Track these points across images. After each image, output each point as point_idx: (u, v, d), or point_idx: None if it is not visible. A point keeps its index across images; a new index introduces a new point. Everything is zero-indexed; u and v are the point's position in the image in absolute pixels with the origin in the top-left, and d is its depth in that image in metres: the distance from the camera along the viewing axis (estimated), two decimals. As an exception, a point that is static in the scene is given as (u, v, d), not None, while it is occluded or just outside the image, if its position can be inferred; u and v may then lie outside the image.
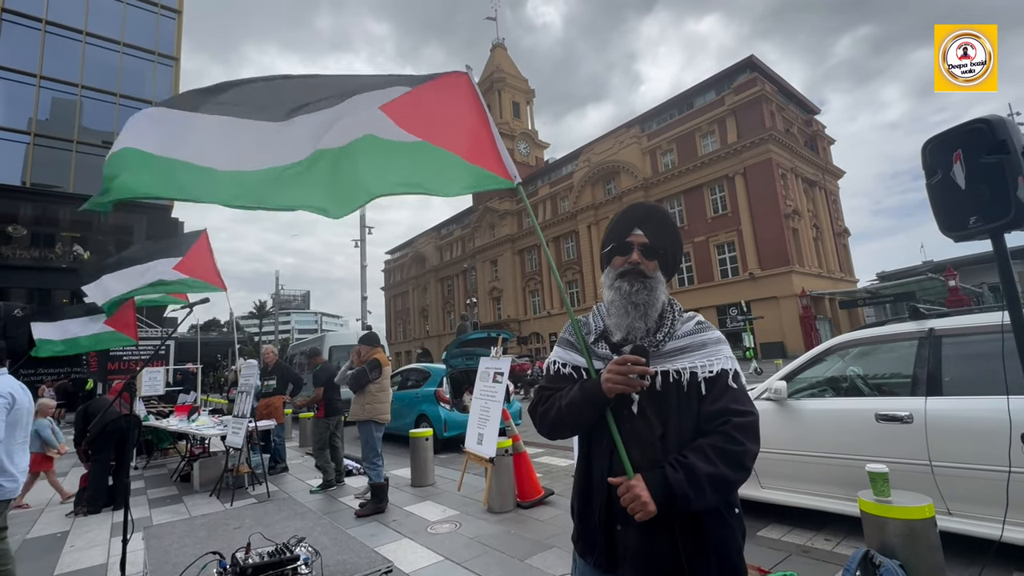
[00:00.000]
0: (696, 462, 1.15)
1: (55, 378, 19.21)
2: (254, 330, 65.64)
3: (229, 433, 6.18)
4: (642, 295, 1.31)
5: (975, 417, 2.86)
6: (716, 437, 1.20)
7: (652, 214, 1.39)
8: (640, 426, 1.26)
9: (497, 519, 4.51)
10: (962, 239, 1.65)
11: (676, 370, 1.26)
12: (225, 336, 24.28)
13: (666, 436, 1.23)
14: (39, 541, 4.67)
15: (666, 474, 1.15)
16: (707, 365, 1.26)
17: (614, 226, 1.42)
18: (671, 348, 1.30)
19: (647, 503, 1.13)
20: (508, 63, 57.64)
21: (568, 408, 1.31)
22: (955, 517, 2.89)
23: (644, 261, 1.33)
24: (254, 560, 2.11)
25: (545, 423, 1.39)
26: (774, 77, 34.74)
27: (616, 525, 1.25)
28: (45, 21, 23.35)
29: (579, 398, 1.29)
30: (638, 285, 1.32)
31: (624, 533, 1.23)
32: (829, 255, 35.01)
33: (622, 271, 1.35)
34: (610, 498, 1.25)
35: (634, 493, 1.14)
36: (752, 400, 1.28)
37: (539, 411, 1.40)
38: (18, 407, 2.98)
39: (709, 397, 1.24)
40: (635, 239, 1.35)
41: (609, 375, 1.22)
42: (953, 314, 3.33)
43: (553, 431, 1.38)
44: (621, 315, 1.33)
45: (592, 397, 1.26)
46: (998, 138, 1.50)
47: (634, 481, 1.16)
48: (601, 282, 1.47)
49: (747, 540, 3.86)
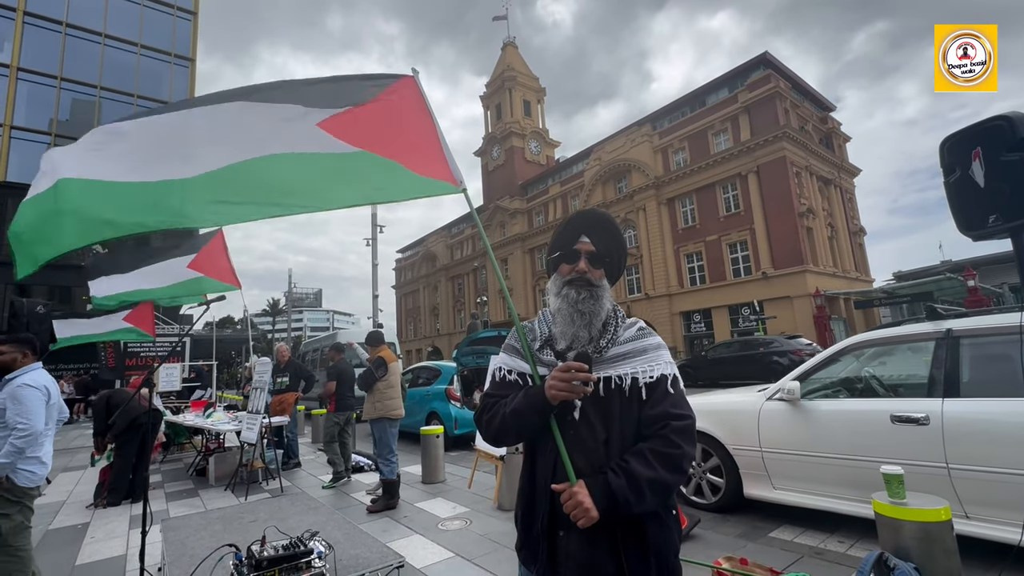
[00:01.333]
0: (636, 467, 1.16)
1: (75, 373, 19.64)
2: (267, 327, 66.46)
3: (244, 429, 6.28)
4: (588, 304, 1.32)
5: (994, 419, 2.81)
6: (655, 441, 1.21)
7: (599, 222, 1.40)
8: (584, 432, 1.26)
9: (507, 516, 4.53)
10: (981, 238, 1.63)
11: (619, 376, 1.27)
12: (239, 333, 24.61)
13: (609, 441, 1.24)
14: (60, 532, 4.79)
15: (608, 480, 1.16)
16: (647, 370, 1.28)
17: (561, 233, 1.42)
18: (613, 354, 1.31)
19: (589, 509, 1.13)
20: (519, 62, 57.52)
21: (512, 415, 1.29)
22: (973, 521, 2.84)
23: (591, 269, 1.35)
24: (269, 553, 2.15)
25: (490, 431, 1.36)
26: (788, 74, 34.25)
27: (559, 531, 1.25)
28: (65, 24, 23.82)
29: (523, 405, 1.27)
30: (585, 293, 1.33)
31: (566, 539, 1.23)
32: (844, 254, 34.46)
33: (569, 279, 1.35)
34: (553, 505, 1.24)
35: (576, 500, 1.14)
36: (689, 404, 1.29)
37: (484, 419, 1.38)
38: (52, 401, 3.07)
39: (649, 402, 1.26)
40: (582, 247, 1.35)
41: (553, 382, 1.21)
42: (972, 315, 3.27)
43: (498, 439, 1.37)
44: (567, 323, 1.33)
45: (536, 404, 1.24)
46: (1019, 135, 1.47)
47: (576, 488, 1.16)
48: (547, 288, 1.47)
49: (758, 541, 3.81)
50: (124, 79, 25.02)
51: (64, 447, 10.77)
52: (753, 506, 4.07)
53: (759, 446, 3.87)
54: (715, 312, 33.36)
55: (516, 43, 58.85)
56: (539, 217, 48.22)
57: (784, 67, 34.18)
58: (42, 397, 2.97)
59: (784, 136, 29.98)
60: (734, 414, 4.15)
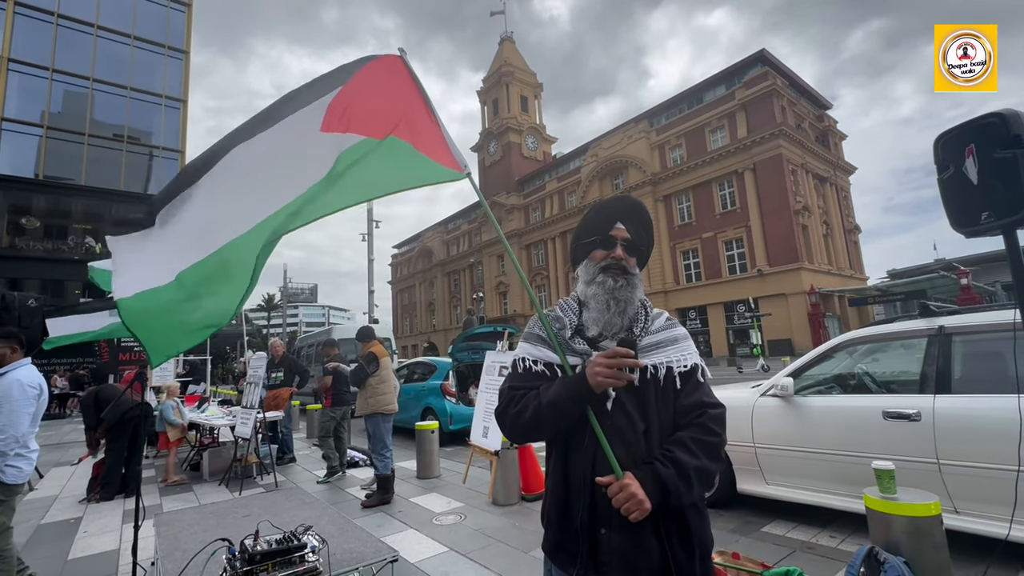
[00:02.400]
0: (683, 456, 1.16)
1: (68, 368, 19.53)
2: (262, 323, 66.23)
3: (238, 423, 6.27)
4: (625, 291, 1.30)
5: (984, 416, 2.83)
6: (695, 430, 1.21)
7: (635, 209, 1.38)
8: (622, 422, 1.23)
9: (501, 511, 4.54)
10: (973, 235, 1.63)
11: (654, 365, 1.26)
12: (234, 328, 24.50)
13: (649, 431, 1.22)
14: (53, 527, 4.77)
15: (657, 470, 1.14)
16: (681, 360, 1.28)
17: (595, 218, 1.38)
18: (647, 343, 1.29)
19: (643, 501, 1.10)
20: (516, 57, 57.32)
21: (551, 407, 1.21)
22: (962, 515, 2.88)
23: (626, 257, 1.32)
24: (262, 547, 2.15)
25: (519, 425, 1.27)
26: (786, 71, 34.29)
27: (600, 529, 1.19)
28: (57, 14, 23.51)
29: (563, 394, 1.21)
30: (622, 281, 1.30)
31: (608, 536, 1.18)
32: (839, 252, 34.65)
33: (605, 265, 1.32)
34: (593, 501, 1.20)
35: (629, 491, 1.11)
36: (715, 393, 1.31)
37: (511, 413, 1.29)
38: (43, 397, 3.05)
39: (684, 390, 1.26)
40: (618, 233, 1.33)
41: (599, 368, 1.16)
42: (964, 312, 3.30)
43: (528, 433, 1.30)
44: (601, 310, 1.30)
45: (578, 393, 1.19)
46: (1012, 132, 1.47)
47: (627, 480, 1.13)
48: (576, 274, 1.41)
49: (751, 535, 3.83)
50: (117, 71, 24.73)
51: (57, 442, 10.72)
52: (746, 501, 4.09)
53: (752, 442, 3.90)
54: (711, 309, 33.50)
55: (513, 38, 58.57)
56: (536, 213, 48.20)
57: (781, 64, 34.22)
58: (33, 397, 2.94)
59: (781, 134, 30.06)
60: (728, 410, 4.16)
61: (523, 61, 57.87)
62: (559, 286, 43.97)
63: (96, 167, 23.03)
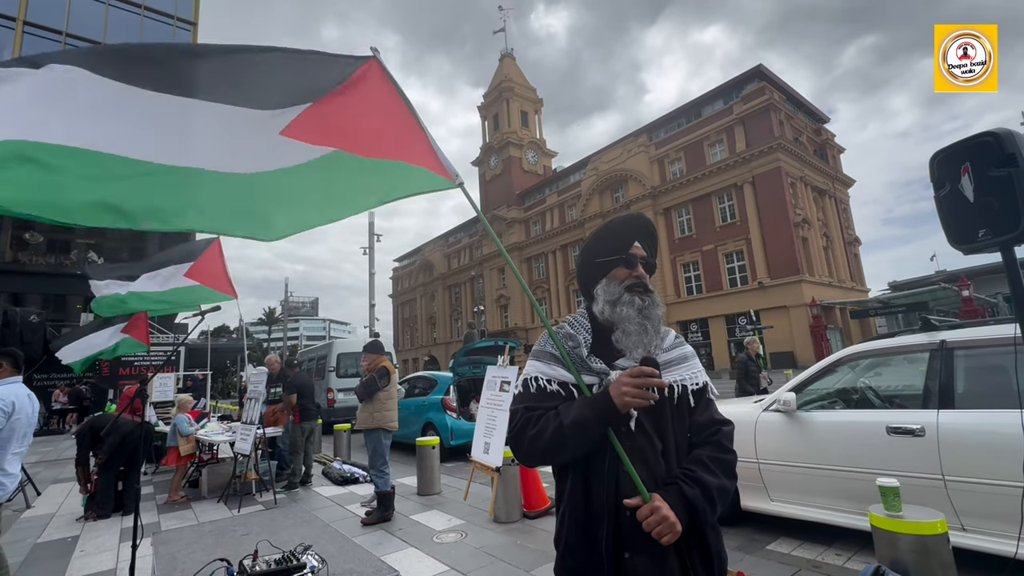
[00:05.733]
0: (704, 476, 1.15)
1: (68, 383, 19.45)
2: (263, 336, 66.13)
3: (237, 439, 6.23)
4: (652, 309, 1.30)
5: (989, 431, 2.81)
6: (710, 448, 1.21)
7: (649, 229, 1.41)
8: (642, 442, 1.21)
9: (503, 529, 4.49)
10: (971, 252, 1.64)
11: (670, 383, 1.26)
12: (235, 342, 24.46)
13: (667, 451, 1.22)
14: (49, 545, 4.71)
15: (683, 491, 1.13)
16: (693, 377, 1.29)
17: (614, 236, 1.38)
18: (662, 361, 1.28)
19: (675, 523, 1.08)
20: (516, 73, 58.07)
21: (573, 427, 1.17)
22: (969, 533, 2.84)
23: (645, 275, 1.34)
24: (261, 567, 2.13)
25: (537, 447, 1.21)
26: (783, 86, 34.67)
27: (624, 553, 1.16)
28: (65, 33, 23.95)
29: (587, 416, 1.16)
30: (648, 299, 1.30)
31: (633, 561, 1.15)
32: (840, 264, 34.66)
33: (630, 284, 1.31)
34: (618, 525, 1.17)
35: (661, 514, 1.08)
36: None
37: (528, 435, 1.23)
38: (17, 416, 2.96)
39: (698, 408, 1.27)
40: (637, 252, 1.35)
41: (626, 388, 1.13)
42: (965, 326, 3.30)
43: (547, 456, 1.23)
44: (640, 332, 1.26)
45: (603, 414, 1.15)
46: (1007, 151, 1.50)
47: (657, 503, 1.10)
48: (595, 293, 1.36)
49: (756, 554, 3.78)
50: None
51: (55, 458, 10.65)
52: (750, 518, 4.04)
53: (756, 458, 3.86)
54: (712, 322, 33.41)
55: (513, 55, 59.41)
56: (536, 226, 48.38)
57: (778, 79, 34.62)
58: (3, 410, 2.89)
59: (779, 147, 30.28)
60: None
61: (523, 77, 58.62)
62: (559, 299, 43.94)
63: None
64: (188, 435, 6.52)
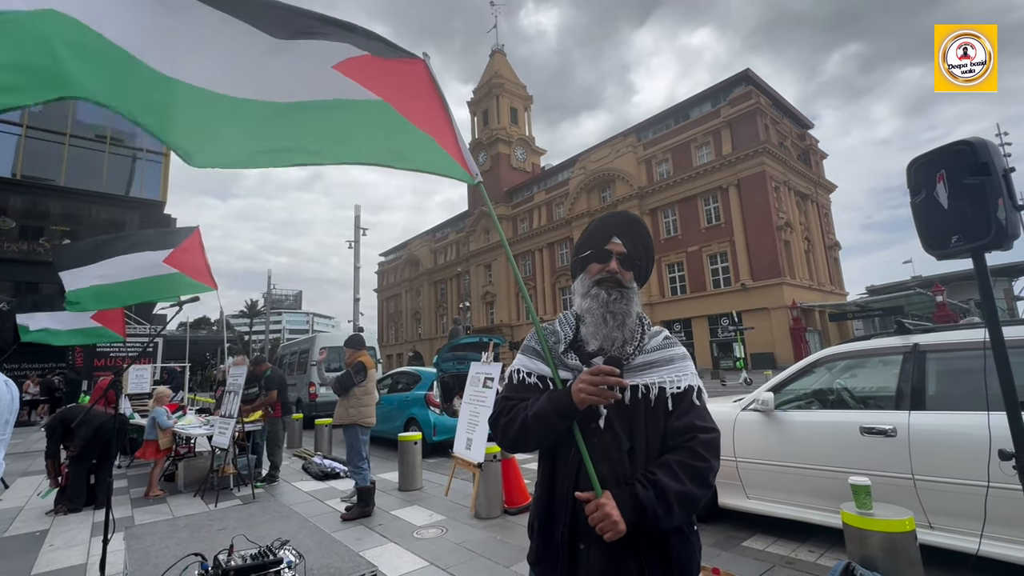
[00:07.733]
0: (665, 479, 1.13)
1: (40, 374, 18.91)
2: (245, 329, 65.12)
3: (215, 433, 6.12)
4: (620, 304, 1.30)
5: (956, 432, 2.90)
6: (682, 453, 1.18)
7: (631, 224, 1.39)
8: (608, 440, 1.22)
9: (484, 525, 4.49)
10: (944, 257, 1.69)
11: (645, 384, 1.25)
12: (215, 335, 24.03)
13: (634, 451, 1.21)
14: (16, 540, 4.58)
15: (636, 492, 1.13)
16: (675, 380, 1.26)
17: (592, 232, 1.40)
18: (640, 362, 1.28)
19: (617, 522, 1.09)
20: (507, 69, 57.88)
21: (535, 419, 1.23)
22: (935, 531, 2.92)
23: (622, 271, 1.33)
24: (236, 563, 2.10)
25: (508, 435, 1.30)
26: (769, 91, 35.17)
27: (579, 544, 1.19)
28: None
29: (548, 409, 1.22)
30: (616, 294, 1.30)
31: (588, 553, 1.18)
32: (820, 268, 35.36)
33: (599, 278, 1.33)
34: (574, 516, 1.20)
35: (604, 511, 1.10)
36: (712, 417, 1.27)
37: (501, 422, 1.32)
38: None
39: (675, 413, 1.24)
40: (614, 247, 1.34)
41: (582, 385, 1.17)
42: (937, 330, 3.39)
43: (515, 444, 1.30)
44: (598, 324, 1.29)
45: (561, 408, 1.20)
46: (980, 160, 1.54)
47: (604, 499, 1.12)
48: (573, 288, 1.43)
49: (731, 550, 3.84)
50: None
51: (25, 450, 10.37)
52: (728, 515, 4.11)
53: (734, 456, 3.93)
54: (695, 322, 33.83)
55: (504, 51, 59.18)
56: (524, 224, 48.40)
57: (765, 84, 35.09)
58: None
59: (764, 151, 30.74)
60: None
61: (513, 73, 58.45)
62: (545, 297, 44.05)
63: (76, 168, 22.58)
64: (167, 428, 6.38)
